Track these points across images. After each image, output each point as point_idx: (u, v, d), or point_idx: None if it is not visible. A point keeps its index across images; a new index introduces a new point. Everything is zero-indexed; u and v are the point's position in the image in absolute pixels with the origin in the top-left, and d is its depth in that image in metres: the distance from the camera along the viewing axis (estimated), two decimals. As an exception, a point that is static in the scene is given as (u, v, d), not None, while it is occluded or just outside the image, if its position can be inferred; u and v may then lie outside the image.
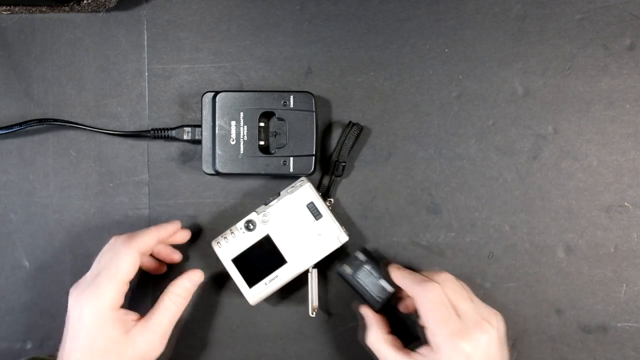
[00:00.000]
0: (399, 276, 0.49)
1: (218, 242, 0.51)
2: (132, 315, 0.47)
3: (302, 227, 0.50)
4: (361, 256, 0.51)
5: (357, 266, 0.50)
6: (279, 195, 0.51)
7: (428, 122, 0.55)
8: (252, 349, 0.55)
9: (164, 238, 0.50)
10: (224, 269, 0.51)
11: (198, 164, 0.54)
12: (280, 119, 0.52)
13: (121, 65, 0.55)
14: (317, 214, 0.50)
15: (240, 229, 0.50)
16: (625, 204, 0.54)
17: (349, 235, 0.51)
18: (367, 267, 0.50)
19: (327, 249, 0.50)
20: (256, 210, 0.51)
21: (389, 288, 0.50)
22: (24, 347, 0.56)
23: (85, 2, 0.54)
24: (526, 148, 0.54)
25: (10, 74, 0.55)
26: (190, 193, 0.55)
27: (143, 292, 0.55)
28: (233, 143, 0.51)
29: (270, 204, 0.51)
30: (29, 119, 0.54)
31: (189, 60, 0.55)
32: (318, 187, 0.54)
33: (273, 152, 0.52)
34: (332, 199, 0.54)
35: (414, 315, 0.49)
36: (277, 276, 0.50)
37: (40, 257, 0.55)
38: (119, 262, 0.46)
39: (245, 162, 0.52)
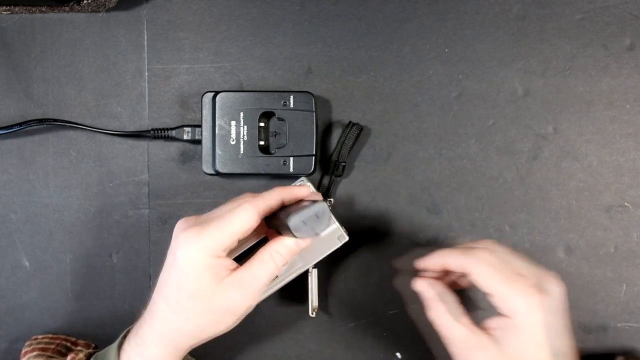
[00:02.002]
0: (443, 257, 0.45)
1: None
2: (229, 263, 0.44)
3: None
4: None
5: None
6: None
7: (428, 122, 0.55)
8: (252, 349, 0.55)
9: (289, 201, 0.45)
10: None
11: (198, 164, 0.54)
12: (280, 119, 0.52)
13: (121, 65, 0.55)
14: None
15: None
16: (625, 204, 0.54)
17: (348, 235, 0.51)
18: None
19: (327, 248, 0.50)
20: None
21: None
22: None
23: (85, 2, 0.54)
24: (526, 148, 0.54)
25: (10, 74, 0.55)
26: (190, 193, 0.55)
27: (143, 291, 0.55)
28: (233, 143, 0.51)
29: None
30: (29, 119, 0.54)
31: (189, 60, 0.55)
32: (318, 187, 0.54)
33: (273, 152, 0.52)
34: (332, 199, 0.54)
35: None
36: (277, 276, 0.50)
37: (40, 257, 0.55)
38: (235, 215, 0.42)
39: (245, 162, 0.52)
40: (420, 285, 0.45)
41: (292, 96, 0.51)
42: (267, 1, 0.55)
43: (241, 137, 0.52)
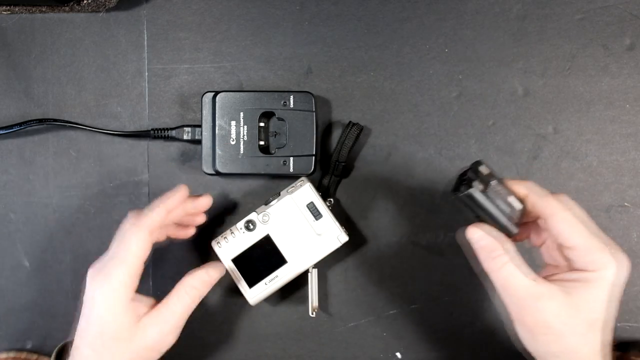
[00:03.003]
0: (530, 189, 0.41)
1: (218, 242, 0.51)
2: (146, 301, 0.46)
3: (302, 227, 0.50)
4: (485, 169, 0.40)
5: (486, 182, 0.40)
6: (279, 195, 0.51)
7: (428, 122, 0.55)
8: (252, 349, 0.55)
9: (173, 208, 0.46)
10: (224, 269, 0.51)
11: (198, 164, 0.54)
12: (280, 119, 0.52)
13: (121, 65, 0.55)
14: (317, 214, 0.50)
15: (240, 229, 0.50)
16: (625, 204, 0.54)
17: (349, 235, 0.51)
18: (494, 182, 0.40)
19: (327, 248, 0.50)
20: (256, 210, 0.51)
21: (519, 205, 0.40)
22: (24, 347, 0.56)
23: (85, 2, 0.54)
24: (526, 148, 0.54)
25: (10, 74, 0.55)
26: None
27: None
28: (233, 143, 0.51)
29: (271, 204, 0.51)
30: (29, 119, 0.54)
31: (189, 60, 0.55)
32: (318, 187, 0.54)
33: (273, 152, 0.52)
34: (332, 199, 0.54)
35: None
36: (277, 276, 0.50)
37: (40, 257, 0.55)
38: (129, 244, 0.44)
39: (245, 162, 0.52)
40: (473, 233, 0.41)
41: (292, 96, 0.52)
42: (267, 1, 0.55)
43: (241, 137, 0.52)
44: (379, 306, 0.55)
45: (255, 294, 0.51)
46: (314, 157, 0.52)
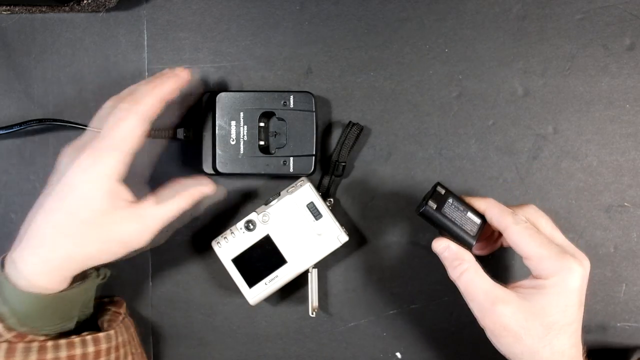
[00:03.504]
0: (489, 205, 0.46)
1: (218, 242, 0.51)
2: (128, 195, 0.43)
3: (302, 227, 0.50)
4: (442, 190, 0.46)
5: (441, 201, 0.46)
6: (279, 195, 0.51)
7: (428, 122, 0.55)
8: (252, 349, 0.55)
9: (168, 94, 0.44)
10: (224, 269, 0.51)
11: (198, 164, 0.54)
12: (280, 119, 0.52)
13: (121, 65, 0.55)
14: (317, 214, 0.50)
15: (240, 229, 0.50)
16: (625, 204, 0.54)
17: (348, 235, 0.51)
18: (450, 200, 0.46)
19: (327, 249, 0.50)
20: (256, 210, 0.51)
21: (478, 219, 0.46)
22: None
23: (85, 2, 0.54)
24: (526, 148, 0.54)
25: (10, 74, 0.55)
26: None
27: (143, 291, 0.55)
28: (233, 143, 0.51)
29: (271, 204, 0.51)
30: (29, 119, 0.54)
31: (189, 60, 0.55)
32: (318, 187, 0.54)
33: (273, 152, 0.52)
34: (332, 199, 0.54)
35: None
36: (277, 276, 0.50)
37: (41, 257, 0.55)
38: (125, 131, 0.42)
39: (245, 162, 0.52)
40: (437, 245, 0.46)
41: (292, 96, 0.52)
42: (267, 1, 0.55)
43: (241, 137, 0.52)
44: (379, 306, 0.55)
45: (255, 294, 0.51)
46: (314, 157, 0.52)
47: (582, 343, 0.44)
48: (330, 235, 0.50)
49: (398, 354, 0.55)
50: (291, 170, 0.52)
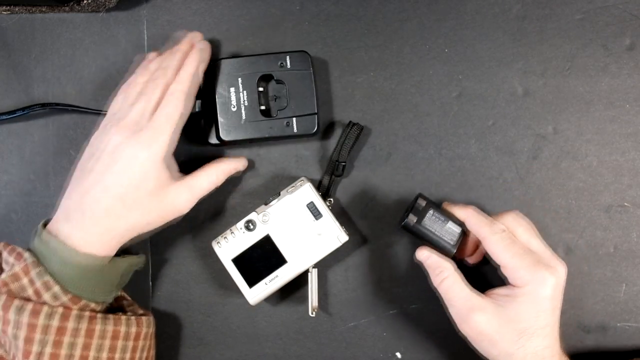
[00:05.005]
0: (467, 215, 0.48)
1: (218, 242, 0.51)
2: (176, 168, 0.49)
3: (302, 227, 0.50)
4: (422, 202, 0.49)
5: (421, 213, 0.49)
6: (279, 195, 0.51)
7: (428, 122, 0.55)
8: (252, 349, 0.55)
9: (200, 69, 0.50)
10: (224, 269, 0.51)
11: (198, 164, 0.54)
12: (278, 81, 0.52)
13: (121, 65, 0.55)
14: (317, 214, 0.50)
15: (240, 228, 0.50)
16: (625, 204, 0.54)
17: (349, 235, 0.51)
18: (431, 212, 0.49)
19: (327, 248, 0.50)
20: (256, 210, 0.51)
21: (458, 229, 0.49)
22: None
23: (85, 2, 0.54)
24: (526, 148, 0.54)
25: (10, 74, 0.55)
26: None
27: (143, 291, 0.55)
28: (234, 110, 0.51)
29: (270, 203, 0.51)
30: (31, 112, 0.54)
31: (189, 60, 0.55)
32: (318, 187, 0.54)
33: (275, 115, 0.52)
34: (332, 199, 0.54)
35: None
36: (277, 276, 0.50)
37: (41, 257, 0.55)
38: (175, 110, 0.47)
39: (249, 127, 0.51)
40: (420, 255, 0.49)
41: (288, 57, 0.52)
42: (267, 1, 0.55)
43: (242, 102, 0.51)
44: (379, 306, 0.55)
45: (255, 294, 0.51)
46: (316, 116, 0.52)
47: (562, 341, 0.47)
48: (330, 235, 0.50)
49: (398, 354, 0.55)
50: (295, 130, 0.52)
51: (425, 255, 0.48)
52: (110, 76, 0.55)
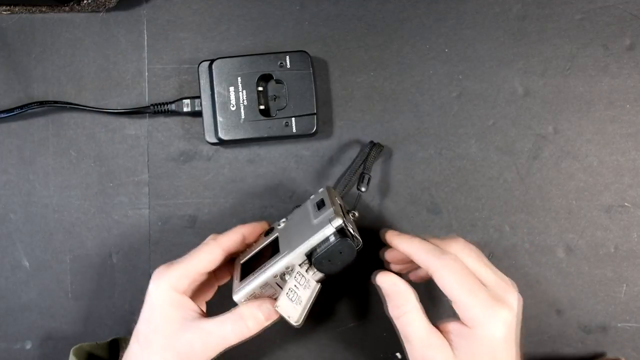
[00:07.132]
0: (411, 247, 0.45)
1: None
2: (194, 306, 0.45)
3: (303, 221, 0.47)
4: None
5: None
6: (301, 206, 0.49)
7: (428, 122, 0.55)
8: (252, 349, 0.55)
9: (248, 234, 0.48)
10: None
11: (198, 164, 0.54)
12: (278, 81, 0.52)
13: (121, 65, 0.55)
14: (321, 205, 0.46)
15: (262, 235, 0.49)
16: (626, 204, 0.54)
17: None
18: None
19: (320, 234, 0.44)
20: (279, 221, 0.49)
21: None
22: (23, 347, 0.55)
23: (85, 2, 0.54)
24: (526, 148, 0.54)
25: (10, 74, 0.55)
26: (190, 193, 0.55)
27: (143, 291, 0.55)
28: (233, 109, 0.51)
29: (293, 212, 0.49)
30: (30, 110, 0.54)
31: (189, 60, 0.55)
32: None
33: (274, 114, 0.52)
34: (356, 212, 0.51)
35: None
36: (263, 268, 0.45)
37: (40, 257, 0.55)
38: (200, 252, 0.46)
39: (248, 127, 0.51)
40: (382, 281, 0.45)
41: (287, 56, 0.52)
42: (267, 1, 0.55)
43: (241, 102, 0.51)
44: (379, 306, 0.55)
45: (241, 287, 0.47)
46: (315, 116, 0.52)
47: None
48: (324, 220, 0.45)
49: (398, 354, 0.55)
50: (294, 130, 0.51)
51: (390, 282, 0.44)
52: (110, 76, 0.55)
